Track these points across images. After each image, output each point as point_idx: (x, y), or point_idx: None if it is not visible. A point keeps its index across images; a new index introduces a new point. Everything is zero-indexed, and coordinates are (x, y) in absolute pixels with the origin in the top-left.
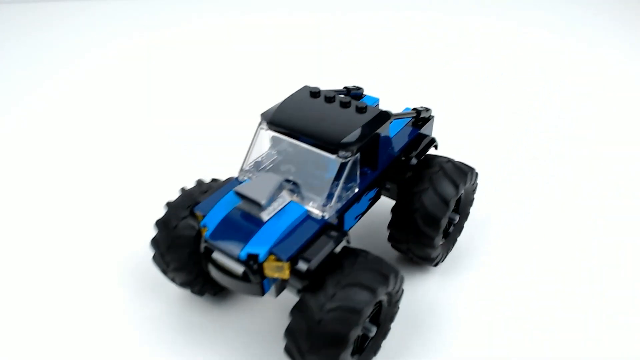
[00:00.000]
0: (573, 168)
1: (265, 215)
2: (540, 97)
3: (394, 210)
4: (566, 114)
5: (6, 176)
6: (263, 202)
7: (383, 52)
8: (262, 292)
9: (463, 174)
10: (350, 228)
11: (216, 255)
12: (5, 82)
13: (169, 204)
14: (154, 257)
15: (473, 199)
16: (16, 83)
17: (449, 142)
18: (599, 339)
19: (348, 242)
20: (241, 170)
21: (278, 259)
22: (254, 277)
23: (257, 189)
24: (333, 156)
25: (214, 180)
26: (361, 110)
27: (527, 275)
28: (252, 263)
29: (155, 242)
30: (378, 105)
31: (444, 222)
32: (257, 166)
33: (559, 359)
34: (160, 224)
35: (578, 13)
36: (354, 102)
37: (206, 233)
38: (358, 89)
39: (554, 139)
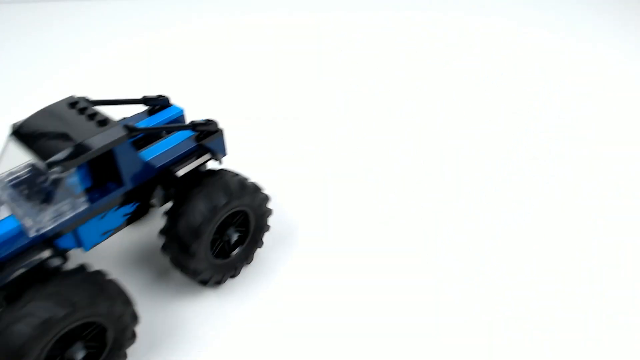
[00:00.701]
0: (573, 168)
1: None
2: (540, 97)
3: (166, 213)
4: (566, 114)
5: None
6: None
7: (383, 52)
8: None
9: (242, 186)
10: (97, 244)
11: None
12: (5, 82)
13: None
14: None
15: (265, 224)
16: (16, 83)
17: (449, 142)
18: (599, 339)
19: (65, 259)
20: None
21: None
22: None
23: None
24: (50, 170)
25: None
26: (101, 123)
27: (527, 275)
28: None
29: None
30: (183, 116)
31: (206, 229)
32: (9, 176)
33: (559, 359)
34: None
35: (578, 13)
36: (99, 116)
37: None
38: (161, 97)
39: (554, 139)
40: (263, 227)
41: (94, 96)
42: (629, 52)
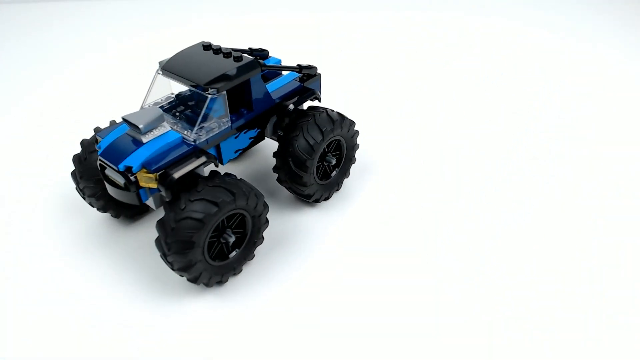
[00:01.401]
0: (573, 168)
1: (144, 138)
2: (540, 97)
3: (275, 154)
4: (566, 114)
5: (6, 175)
6: (141, 126)
7: (383, 52)
8: (140, 201)
9: (331, 121)
10: (230, 160)
11: (108, 172)
12: (5, 82)
13: (82, 142)
14: (76, 187)
15: (355, 144)
16: (16, 83)
17: (449, 142)
18: (599, 339)
19: (216, 165)
20: (141, 108)
21: (148, 171)
22: (131, 187)
23: (139, 117)
24: (203, 93)
25: None
26: (237, 59)
27: (527, 275)
28: (128, 174)
29: (72, 174)
30: (279, 64)
31: (311, 164)
32: (156, 105)
33: (559, 359)
34: (75, 158)
35: (578, 13)
36: (234, 53)
37: (99, 152)
38: (262, 50)
39: (554, 139)
40: (353, 158)
41: (94, 96)
42: (629, 52)
